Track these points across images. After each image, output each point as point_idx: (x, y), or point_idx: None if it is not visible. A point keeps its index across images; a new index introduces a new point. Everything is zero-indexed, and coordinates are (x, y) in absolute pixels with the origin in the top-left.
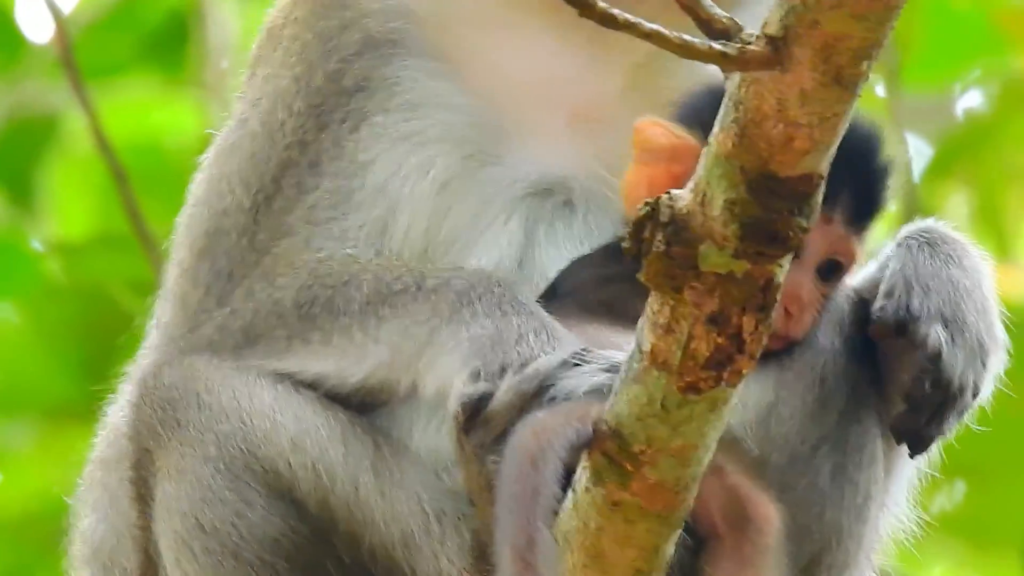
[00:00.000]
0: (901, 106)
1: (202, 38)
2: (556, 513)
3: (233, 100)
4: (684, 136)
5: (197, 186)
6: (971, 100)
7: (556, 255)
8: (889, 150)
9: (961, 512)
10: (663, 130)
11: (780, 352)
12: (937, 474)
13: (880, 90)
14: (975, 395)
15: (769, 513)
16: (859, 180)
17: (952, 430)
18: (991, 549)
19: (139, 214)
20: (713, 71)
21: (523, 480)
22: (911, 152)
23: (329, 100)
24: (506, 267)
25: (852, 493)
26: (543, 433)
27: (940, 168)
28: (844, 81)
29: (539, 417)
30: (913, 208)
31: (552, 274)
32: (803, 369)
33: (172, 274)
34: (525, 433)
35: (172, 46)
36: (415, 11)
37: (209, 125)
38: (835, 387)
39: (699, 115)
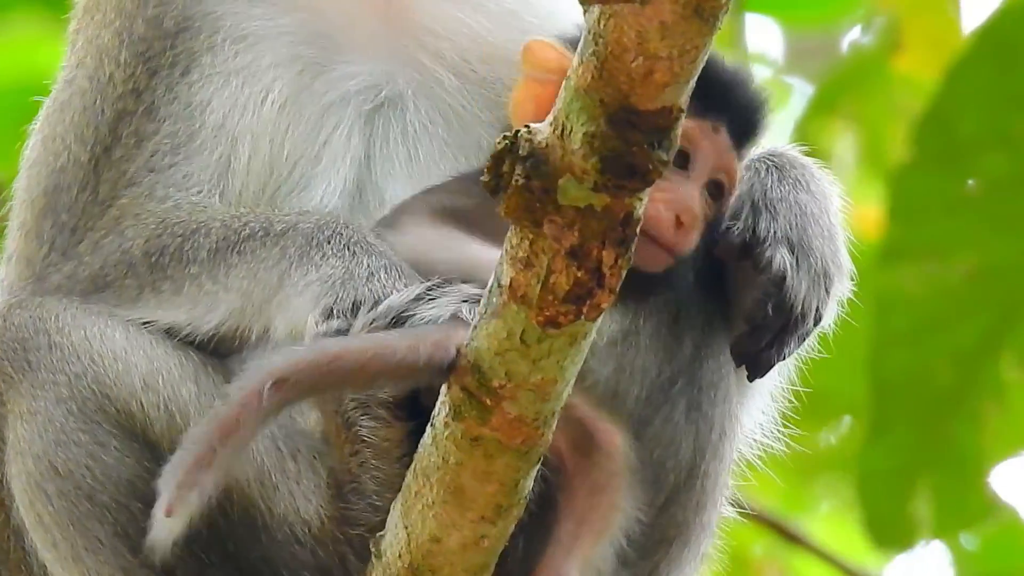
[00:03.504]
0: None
1: None
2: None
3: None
4: (572, 57)
5: (31, 149)
6: (856, 37)
7: (395, 155)
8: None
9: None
10: (554, 51)
11: (661, 277)
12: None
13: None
14: (817, 321)
15: (615, 439)
16: (743, 98)
17: (792, 355)
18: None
19: None
20: None
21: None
22: (796, 93)
23: (155, 45)
24: (352, 170)
25: (707, 429)
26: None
27: (824, 105)
28: (704, 14)
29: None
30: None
31: (393, 172)
32: (657, 300)
33: (14, 236)
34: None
35: None
36: None
37: None
38: (689, 320)
39: None
